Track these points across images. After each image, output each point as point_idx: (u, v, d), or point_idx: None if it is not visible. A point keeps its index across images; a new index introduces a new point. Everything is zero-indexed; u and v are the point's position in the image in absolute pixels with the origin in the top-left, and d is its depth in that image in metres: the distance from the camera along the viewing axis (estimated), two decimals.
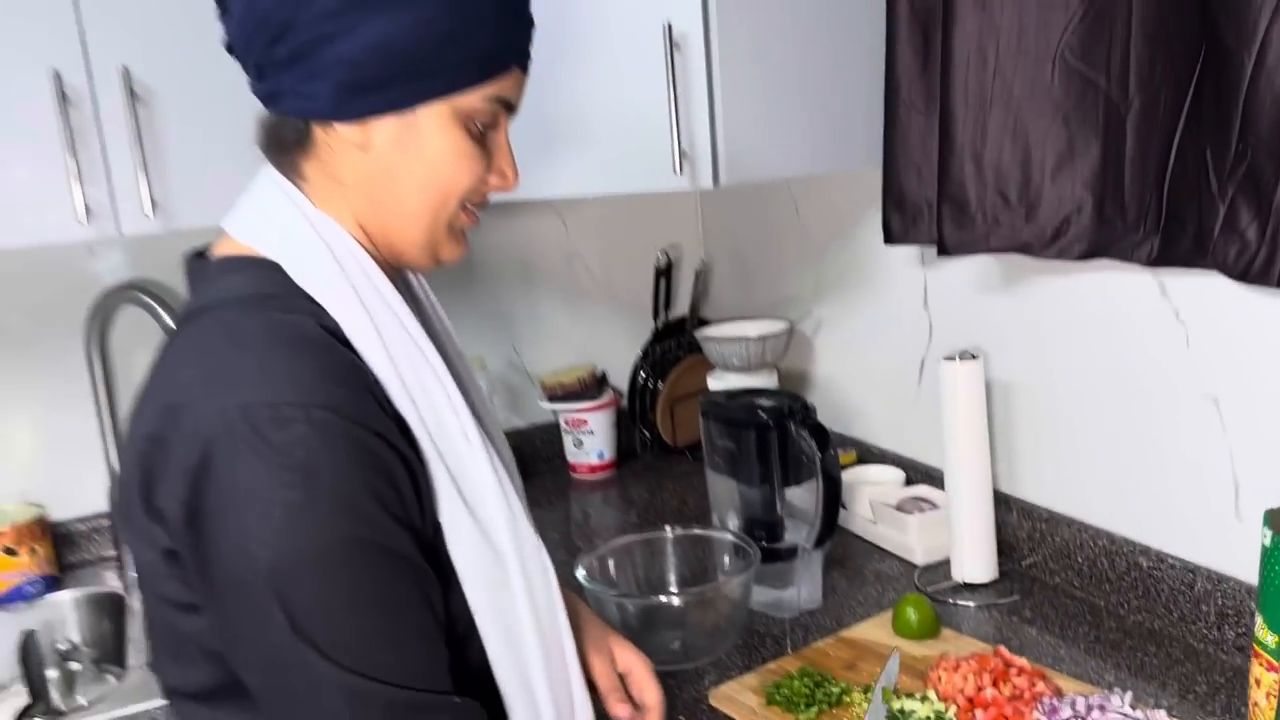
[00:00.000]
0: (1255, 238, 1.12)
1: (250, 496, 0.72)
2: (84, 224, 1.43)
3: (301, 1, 0.78)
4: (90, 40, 1.41)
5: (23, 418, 1.77)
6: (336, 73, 0.80)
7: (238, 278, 0.84)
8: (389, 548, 0.76)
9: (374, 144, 0.83)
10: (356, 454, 0.74)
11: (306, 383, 0.75)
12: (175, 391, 0.77)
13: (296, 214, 0.85)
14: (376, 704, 0.75)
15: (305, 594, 0.73)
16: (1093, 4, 1.25)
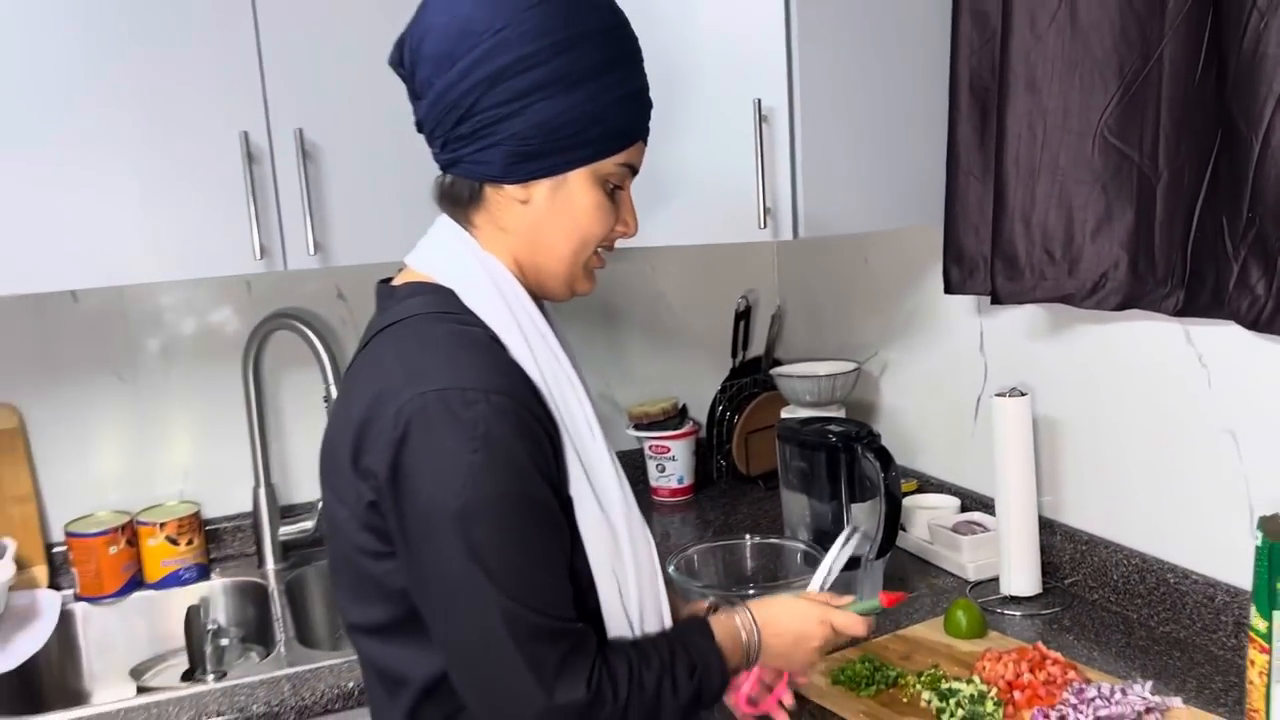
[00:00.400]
0: (1264, 292, 1.31)
1: (444, 456, 0.94)
2: (258, 260, 1.69)
3: (483, 92, 1.01)
4: (272, 108, 1.68)
5: (185, 428, 2.04)
6: (508, 145, 1.02)
7: (421, 299, 1.07)
8: (544, 503, 0.98)
9: (534, 200, 1.06)
10: (521, 429, 0.96)
11: (483, 374, 0.97)
12: (381, 382, 1.00)
13: (466, 252, 1.08)
14: (524, 625, 0.95)
15: (481, 531, 0.94)
16: (1128, 90, 1.45)
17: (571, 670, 0.97)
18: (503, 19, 0.99)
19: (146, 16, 1.59)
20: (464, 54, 0.99)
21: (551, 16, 1.00)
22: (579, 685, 0.97)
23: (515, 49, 0.99)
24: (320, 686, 1.53)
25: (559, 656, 0.97)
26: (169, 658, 1.89)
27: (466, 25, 1.00)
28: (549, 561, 0.99)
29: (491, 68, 0.99)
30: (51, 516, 1.95)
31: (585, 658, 0.99)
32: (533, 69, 0.99)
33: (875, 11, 1.68)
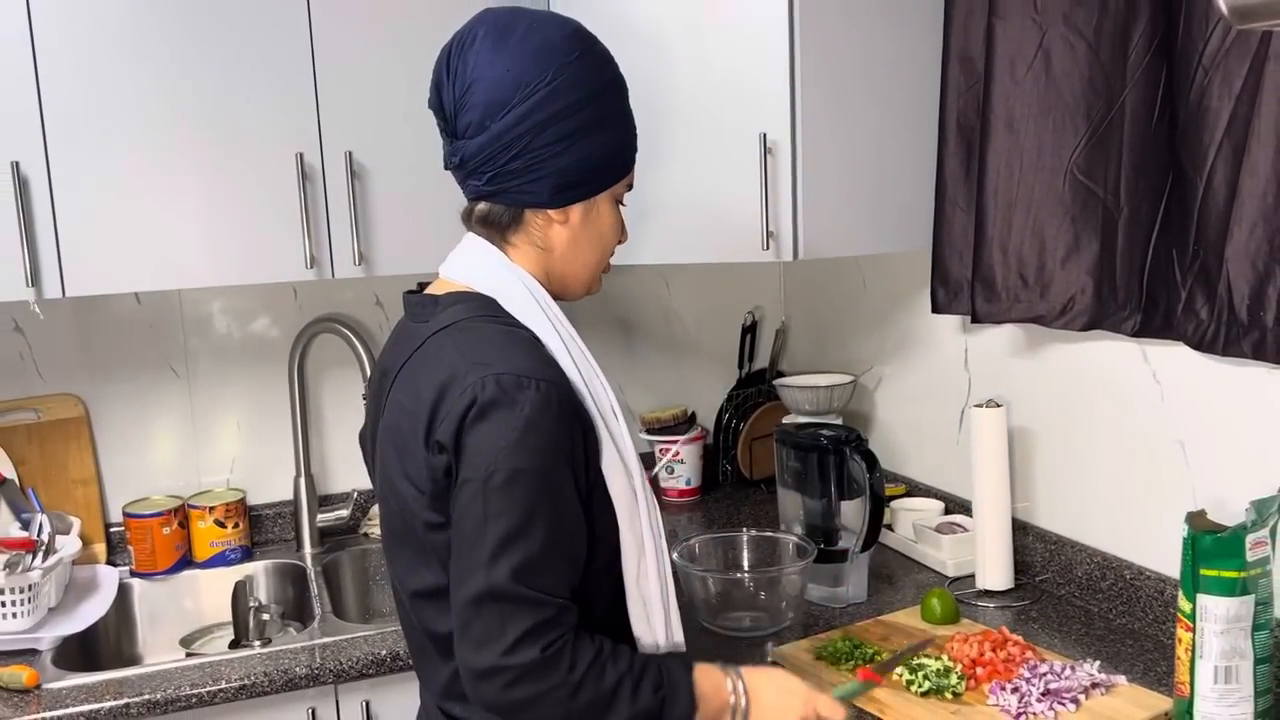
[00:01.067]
0: (1207, 317, 1.46)
1: (492, 430, 1.09)
2: (308, 269, 1.87)
3: (537, 133, 1.16)
4: (325, 132, 1.86)
5: (233, 420, 2.22)
6: (553, 178, 1.19)
7: (466, 305, 1.22)
8: (561, 486, 1.11)
9: (571, 220, 1.23)
10: (561, 415, 1.11)
11: (533, 364, 1.12)
12: (447, 371, 1.14)
13: (500, 265, 1.24)
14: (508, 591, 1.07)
15: (497, 499, 1.08)
16: (1095, 133, 1.62)
17: (534, 636, 1.08)
18: (553, 72, 1.16)
19: (215, 48, 1.78)
20: (519, 102, 1.16)
21: (588, 69, 1.19)
22: (534, 649, 1.07)
23: (565, 97, 1.17)
24: (355, 653, 1.70)
25: (529, 624, 1.08)
26: (214, 630, 2.07)
27: (520, 78, 1.16)
28: (550, 539, 1.10)
29: (545, 114, 1.16)
30: (111, 499, 2.14)
31: (554, 629, 1.09)
32: (578, 113, 1.18)
33: (872, 53, 1.85)
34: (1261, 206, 1.37)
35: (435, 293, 1.28)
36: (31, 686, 1.60)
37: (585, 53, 1.20)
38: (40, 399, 2.08)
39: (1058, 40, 1.64)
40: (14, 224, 1.70)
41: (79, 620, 1.83)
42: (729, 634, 1.69)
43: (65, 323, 2.09)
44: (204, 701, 1.60)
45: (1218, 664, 1.24)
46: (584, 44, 1.21)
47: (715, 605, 1.71)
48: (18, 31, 1.68)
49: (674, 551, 1.71)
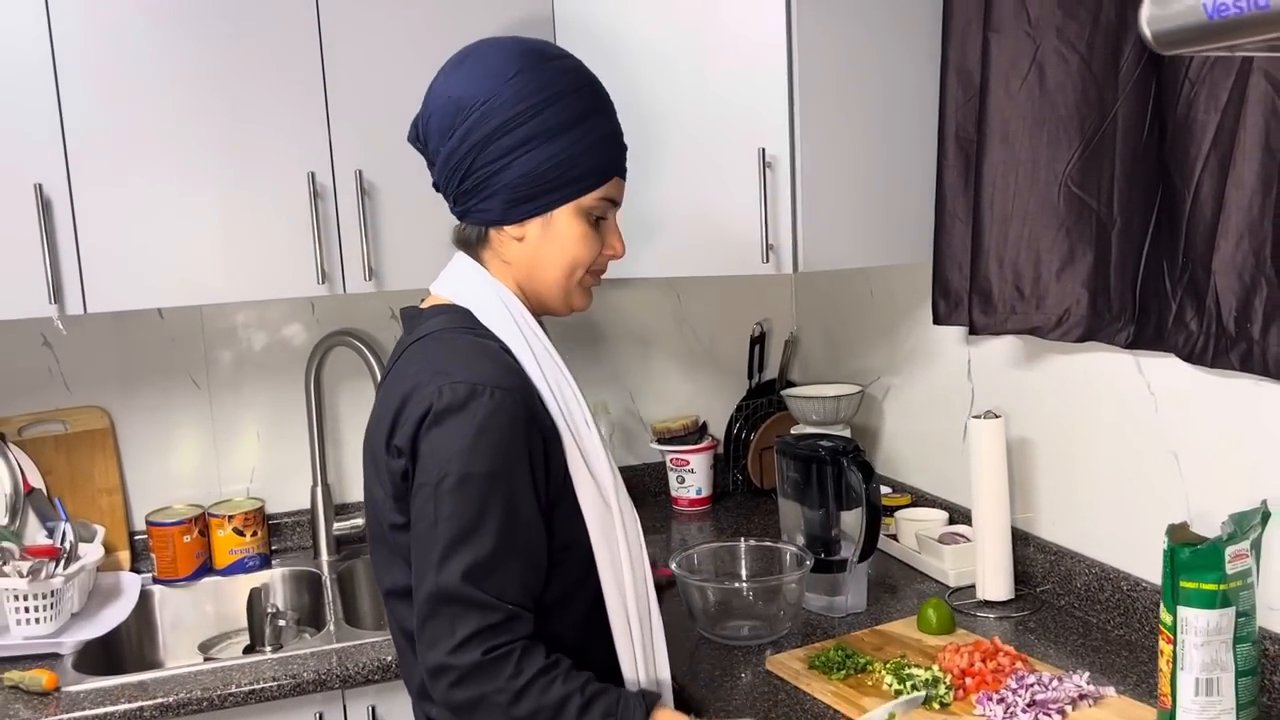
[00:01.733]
0: (1197, 329, 1.47)
1: (446, 436, 1.14)
2: (320, 285, 1.92)
3: (478, 154, 1.21)
4: (336, 151, 1.91)
5: (252, 431, 2.28)
6: (502, 194, 1.23)
7: (444, 317, 1.28)
8: (514, 491, 1.15)
9: (528, 236, 1.26)
10: (515, 423, 1.15)
11: (492, 372, 1.17)
12: (411, 381, 1.20)
13: (479, 280, 1.29)
14: (457, 593, 1.10)
15: (448, 502, 1.13)
16: (1088, 145, 1.62)
17: (480, 638, 1.11)
18: (486, 94, 1.20)
19: (230, 73, 1.84)
20: (460, 125, 1.22)
21: (525, 85, 1.20)
22: (476, 651, 1.10)
23: (499, 116, 1.20)
24: (363, 659, 1.74)
25: (476, 626, 1.11)
26: (232, 636, 2.12)
27: (460, 102, 1.22)
28: (502, 542, 1.13)
29: (481, 133, 1.21)
30: (135, 507, 2.21)
31: (501, 634, 1.12)
32: (515, 130, 1.20)
33: (871, 68, 1.87)
34: (1247, 218, 1.37)
35: (423, 307, 1.34)
36: (51, 689, 1.66)
37: (524, 70, 1.21)
38: (67, 411, 2.15)
39: (1051, 53, 1.65)
40: (37, 243, 1.76)
41: (100, 625, 1.89)
42: (727, 643, 1.71)
43: (91, 337, 2.16)
44: (214, 705, 1.65)
45: (1199, 676, 1.24)
46: (525, 61, 1.22)
47: (714, 614, 1.73)
48: (41, 58, 1.75)
49: (673, 561, 1.74)
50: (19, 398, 2.13)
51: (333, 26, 1.89)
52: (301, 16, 1.87)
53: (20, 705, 1.63)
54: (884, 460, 2.33)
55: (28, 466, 2.09)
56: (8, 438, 2.09)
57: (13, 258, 1.76)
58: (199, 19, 1.82)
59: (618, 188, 1.30)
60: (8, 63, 1.73)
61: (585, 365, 2.45)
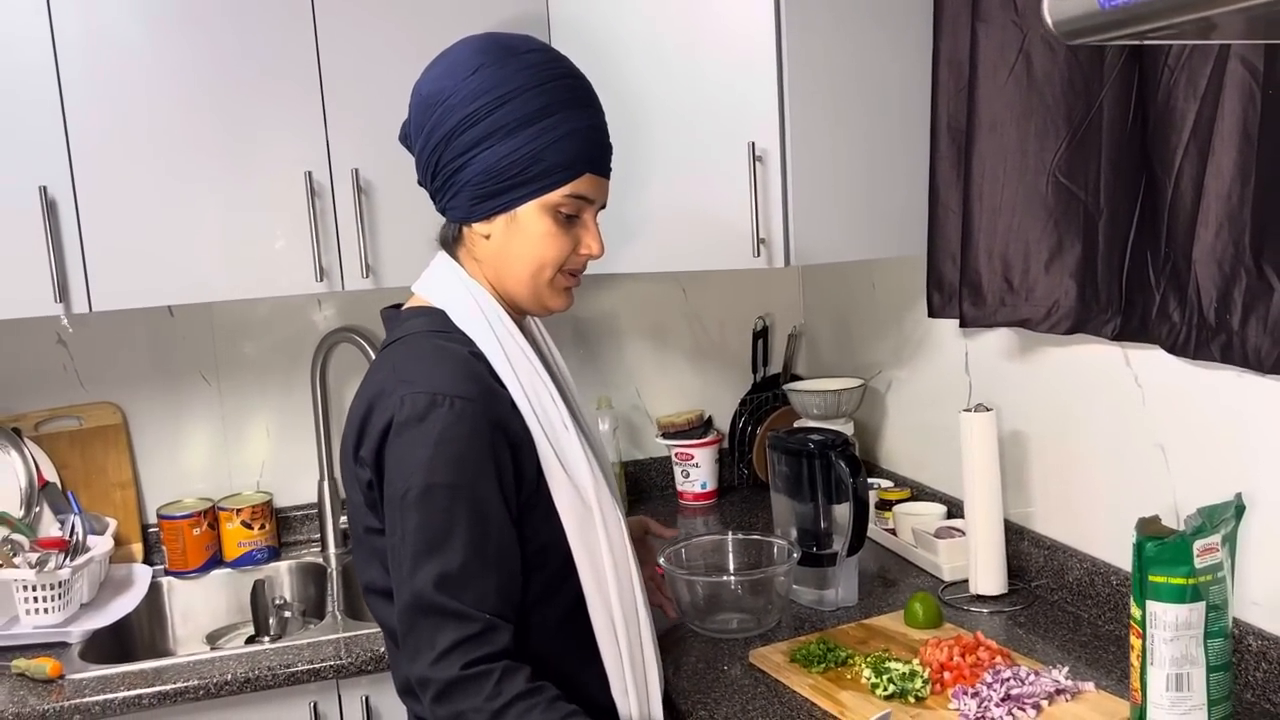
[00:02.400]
0: (1179, 320, 1.44)
1: (407, 448, 1.15)
2: (319, 282, 1.96)
3: (442, 151, 1.23)
4: (333, 150, 1.94)
5: (260, 426, 2.33)
6: (467, 191, 1.24)
7: (419, 320, 1.29)
8: (481, 499, 1.15)
9: (494, 234, 1.26)
10: (476, 431, 1.15)
11: (454, 382, 1.17)
12: (377, 387, 1.23)
13: (456, 280, 1.30)
14: (432, 602, 1.12)
15: (414, 515, 1.14)
16: (1074, 135, 1.61)
17: (459, 650, 1.10)
18: (447, 91, 1.21)
19: (229, 75, 1.88)
20: (426, 123, 1.24)
21: (484, 81, 1.20)
22: (455, 665, 1.10)
23: (458, 112, 1.21)
24: (358, 650, 1.78)
25: (454, 637, 1.11)
26: (241, 627, 2.17)
27: (426, 100, 1.24)
28: (472, 551, 1.14)
29: (444, 130, 1.22)
30: (147, 501, 2.26)
31: (481, 646, 1.11)
32: (473, 126, 1.20)
33: (862, 59, 1.86)
34: (1226, 207, 1.35)
35: (404, 308, 1.35)
36: (55, 677, 1.71)
37: (486, 65, 1.20)
38: (81, 407, 2.21)
39: (1038, 42, 1.63)
40: (43, 244, 1.81)
41: (109, 615, 1.95)
42: (716, 636, 1.71)
43: (104, 335, 2.22)
44: (210, 694, 1.69)
45: (1169, 671, 1.22)
46: (488, 56, 1.21)
47: (702, 608, 1.74)
48: (44, 61, 1.80)
49: (660, 555, 1.75)
50: (35, 394, 2.19)
51: (328, 28, 1.92)
52: (298, 19, 1.90)
53: (26, 692, 1.68)
54: (886, 454, 2.32)
55: (43, 461, 2.15)
56: (24, 433, 2.15)
57: (19, 258, 1.81)
58: (198, 22, 1.86)
59: (591, 185, 1.27)
60: (11, 65, 1.78)
61: (589, 360, 2.46)
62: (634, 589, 1.30)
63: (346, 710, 1.78)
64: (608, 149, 1.30)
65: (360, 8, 1.93)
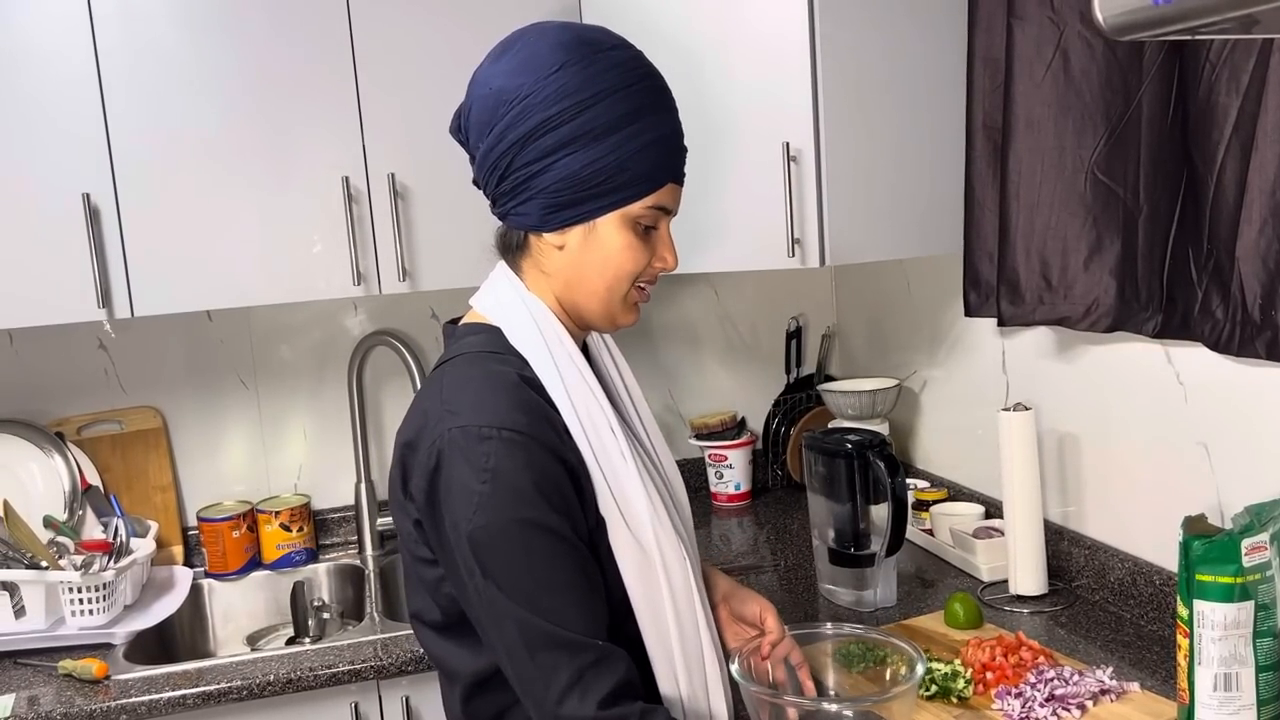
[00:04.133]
0: (1222, 316, 1.43)
1: (459, 488, 1.06)
2: (356, 286, 1.97)
3: (516, 152, 1.11)
4: (370, 155, 1.96)
5: (298, 429, 2.35)
6: (542, 198, 1.12)
7: (473, 339, 1.19)
8: (550, 528, 1.06)
9: (569, 245, 1.15)
10: (531, 462, 1.06)
11: (502, 412, 1.08)
12: (423, 416, 1.12)
13: (515, 295, 1.19)
14: (538, 634, 1.04)
15: (489, 553, 1.05)
16: (1114, 132, 1.60)
17: (586, 685, 1.03)
18: (528, 88, 1.09)
19: (267, 82, 1.90)
20: (499, 120, 1.11)
21: (570, 80, 1.09)
22: (589, 703, 1.02)
23: (540, 113, 1.09)
24: (397, 651, 1.79)
25: (576, 668, 1.04)
26: (280, 628, 2.19)
27: (500, 95, 1.11)
28: (559, 579, 1.07)
29: (521, 131, 1.10)
30: (187, 504, 2.29)
31: (609, 676, 1.04)
32: (556, 129, 1.09)
33: (895, 58, 1.85)
34: (1270, 203, 1.33)
35: (461, 323, 1.26)
36: (101, 677, 1.73)
37: (570, 63, 1.10)
38: (122, 411, 2.24)
39: (1075, 39, 1.62)
40: (86, 250, 1.84)
41: (152, 616, 1.97)
42: None
43: (144, 340, 2.25)
44: (254, 694, 1.71)
45: (1217, 671, 1.21)
46: (572, 53, 1.10)
47: None
48: (87, 72, 1.82)
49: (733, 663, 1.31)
50: (77, 399, 2.23)
51: (364, 35, 1.93)
52: (334, 25, 1.92)
53: (73, 692, 1.70)
54: (922, 454, 2.31)
55: (85, 465, 2.18)
56: (66, 437, 2.18)
57: (63, 264, 1.84)
58: (236, 30, 1.88)
59: (672, 195, 1.17)
60: (55, 76, 1.81)
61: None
62: (699, 634, 1.19)
63: (387, 710, 1.80)
64: (685, 155, 1.20)
65: (395, 13, 1.94)
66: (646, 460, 1.23)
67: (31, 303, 1.85)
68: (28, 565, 1.87)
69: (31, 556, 1.89)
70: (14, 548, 1.90)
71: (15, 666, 1.81)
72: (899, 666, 1.48)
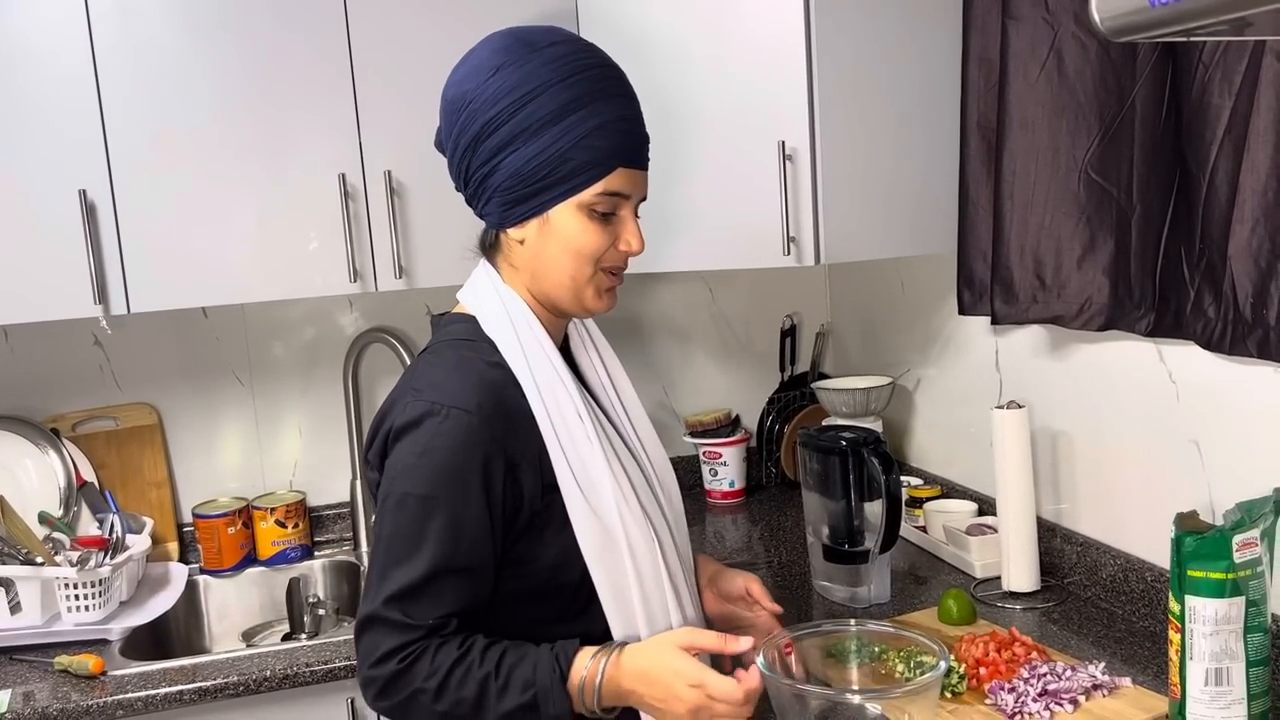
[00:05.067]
0: (1214, 315, 1.44)
1: (398, 455, 1.16)
2: (353, 283, 1.98)
3: (470, 157, 1.20)
4: (366, 153, 1.96)
5: (293, 426, 2.35)
6: (498, 196, 1.20)
7: (452, 328, 1.27)
8: (458, 514, 1.13)
9: (528, 239, 1.22)
10: (469, 443, 1.13)
11: (457, 393, 1.15)
12: (394, 395, 1.22)
13: (491, 287, 1.26)
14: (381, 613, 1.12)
15: (388, 521, 1.15)
16: (1107, 131, 1.61)
17: (397, 652, 1.12)
18: (471, 94, 1.18)
19: (263, 78, 1.90)
20: (455, 128, 1.21)
21: (505, 81, 1.16)
22: (391, 662, 1.12)
23: (481, 117, 1.17)
24: None
25: (396, 643, 1.12)
26: (275, 624, 2.19)
27: (453, 105, 1.21)
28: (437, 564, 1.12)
29: (470, 135, 1.19)
30: (182, 500, 2.29)
31: (416, 643, 1.12)
32: (498, 129, 1.17)
33: (891, 58, 1.86)
34: (1262, 203, 1.35)
35: (449, 314, 1.33)
36: (98, 673, 1.73)
37: (506, 64, 1.16)
38: (118, 408, 2.24)
39: (1069, 40, 1.63)
40: (82, 247, 1.84)
41: (148, 613, 1.97)
42: None
43: (140, 337, 2.25)
44: (250, 690, 1.71)
45: (1208, 666, 1.23)
46: (508, 55, 1.17)
47: None
48: (83, 68, 1.83)
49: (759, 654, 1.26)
50: (72, 395, 2.23)
51: (361, 33, 1.94)
52: (331, 24, 1.92)
53: (69, 688, 1.70)
54: (915, 452, 2.33)
55: (80, 461, 2.18)
56: (62, 433, 2.18)
57: (59, 261, 1.84)
58: (233, 28, 1.88)
59: (625, 180, 1.21)
60: (51, 73, 1.81)
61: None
62: (669, 618, 1.23)
63: None
64: (642, 139, 1.24)
65: (392, 10, 1.94)
66: (623, 447, 1.27)
67: (27, 299, 1.85)
68: (23, 561, 1.87)
69: (27, 552, 1.89)
70: (10, 543, 1.90)
71: (11, 662, 1.81)
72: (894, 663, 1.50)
